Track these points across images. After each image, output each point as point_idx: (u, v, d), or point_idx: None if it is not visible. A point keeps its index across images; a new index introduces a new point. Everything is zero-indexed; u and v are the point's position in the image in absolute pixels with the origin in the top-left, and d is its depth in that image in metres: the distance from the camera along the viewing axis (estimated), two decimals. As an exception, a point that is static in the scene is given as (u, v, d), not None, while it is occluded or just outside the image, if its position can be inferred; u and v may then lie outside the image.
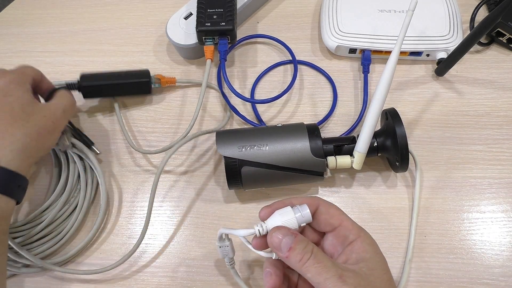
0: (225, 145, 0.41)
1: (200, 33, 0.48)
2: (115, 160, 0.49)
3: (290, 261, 0.30)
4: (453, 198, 0.45)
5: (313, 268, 0.29)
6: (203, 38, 0.49)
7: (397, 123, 0.41)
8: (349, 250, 0.32)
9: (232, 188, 0.43)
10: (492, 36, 0.52)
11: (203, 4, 0.49)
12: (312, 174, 0.41)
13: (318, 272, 0.29)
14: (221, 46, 0.48)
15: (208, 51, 0.49)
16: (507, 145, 0.47)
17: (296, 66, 0.51)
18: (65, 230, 0.44)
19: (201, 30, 0.48)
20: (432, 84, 0.51)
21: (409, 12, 0.40)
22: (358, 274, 0.30)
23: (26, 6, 0.60)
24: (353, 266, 0.31)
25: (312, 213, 0.33)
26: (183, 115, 0.51)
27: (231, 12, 0.48)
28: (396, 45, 0.41)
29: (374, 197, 0.45)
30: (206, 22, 0.48)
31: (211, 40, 0.49)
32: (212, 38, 0.49)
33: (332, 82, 0.51)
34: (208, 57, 0.48)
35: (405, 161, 0.41)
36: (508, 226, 0.43)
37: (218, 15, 0.48)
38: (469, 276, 0.41)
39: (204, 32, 0.48)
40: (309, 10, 0.57)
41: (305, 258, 0.30)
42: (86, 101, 0.51)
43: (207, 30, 0.48)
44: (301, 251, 0.30)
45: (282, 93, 0.48)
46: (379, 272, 0.31)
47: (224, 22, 0.48)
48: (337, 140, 0.44)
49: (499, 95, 0.50)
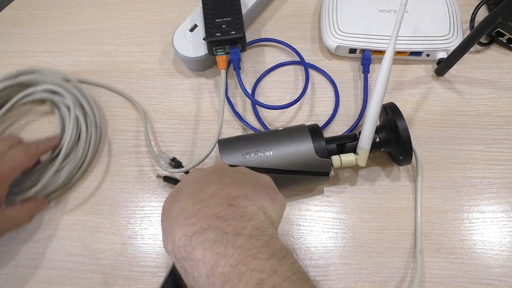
0: (229, 154, 0.40)
1: (211, 44, 0.47)
2: (115, 160, 0.49)
3: None
4: (453, 198, 0.45)
5: None
6: (214, 49, 0.48)
7: (398, 117, 0.41)
8: None
9: None
10: (492, 36, 0.52)
11: (210, 14, 0.48)
12: (317, 175, 0.41)
13: None
14: (233, 55, 0.48)
15: (221, 62, 0.48)
16: (507, 145, 0.47)
17: (307, 70, 0.51)
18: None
19: (212, 41, 0.46)
20: (432, 84, 0.51)
21: (402, 7, 0.40)
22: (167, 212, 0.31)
23: (26, 6, 0.60)
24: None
25: None
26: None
27: (239, 19, 0.47)
28: (393, 30, 0.41)
29: (374, 197, 0.45)
30: (216, 32, 0.46)
31: (222, 50, 0.48)
32: (223, 48, 0.48)
33: (334, 84, 0.51)
34: (222, 67, 0.47)
35: (408, 153, 0.41)
36: (508, 226, 0.43)
37: (227, 24, 0.47)
38: (469, 276, 0.41)
39: (215, 43, 0.47)
40: (309, 10, 0.57)
41: None
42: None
43: (218, 41, 0.46)
44: None
45: (298, 99, 0.48)
46: (182, 202, 0.31)
47: (234, 31, 0.47)
48: (339, 139, 0.44)
49: (499, 95, 0.50)
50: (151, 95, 0.52)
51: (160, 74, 0.53)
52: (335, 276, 0.42)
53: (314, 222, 0.44)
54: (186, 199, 0.30)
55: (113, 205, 0.46)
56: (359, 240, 0.43)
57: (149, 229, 0.45)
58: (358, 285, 0.41)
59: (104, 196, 0.47)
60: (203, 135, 0.49)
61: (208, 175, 0.33)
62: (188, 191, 0.31)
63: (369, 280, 0.41)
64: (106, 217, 0.46)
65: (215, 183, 0.31)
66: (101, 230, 0.45)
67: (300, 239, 0.44)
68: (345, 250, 0.43)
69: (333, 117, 0.49)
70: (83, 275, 0.43)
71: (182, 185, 0.33)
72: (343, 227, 0.44)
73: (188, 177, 0.34)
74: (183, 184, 0.33)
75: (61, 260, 0.44)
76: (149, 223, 0.45)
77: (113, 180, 0.48)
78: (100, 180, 0.48)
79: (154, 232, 0.45)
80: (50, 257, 0.44)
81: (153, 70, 0.50)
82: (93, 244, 0.45)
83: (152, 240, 0.45)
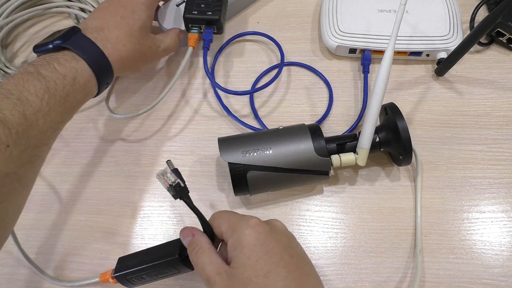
0: (229, 152, 0.40)
1: (186, 20, 0.48)
2: (114, 160, 0.49)
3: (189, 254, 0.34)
4: (453, 198, 0.45)
5: (197, 265, 0.33)
6: (190, 26, 0.49)
7: (398, 117, 0.41)
8: (228, 247, 0.33)
9: (238, 195, 0.42)
10: (492, 36, 0.52)
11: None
12: (317, 174, 0.41)
13: (197, 270, 0.33)
14: (205, 35, 0.49)
15: (192, 39, 0.49)
16: (507, 145, 0.47)
17: (282, 65, 0.51)
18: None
19: (187, 17, 0.48)
20: (432, 84, 0.51)
21: (401, 7, 0.40)
22: (227, 275, 0.31)
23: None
24: (226, 266, 0.32)
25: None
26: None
27: (220, 2, 0.49)
28: (393, 30, 0.41)
29: (374, 197, 0.45)
30: (194, 10, 0.48)
31: (197, 28, 0.49)
32: (198, 27, 0.49)
33: (327, 82, 0.51)
34: (190, 45, 0.49)
35: (408, 153, 0.41)
36: (508, 226, 0.43)
37: (205, 4, 0.48)
38: (469, 276, 0.41)
39: (190, 20, 0.48)
40: (309, 10, 0.57)
41: (192, 254, 0.34)
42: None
43: (193, 18, 0.48)
44: (192, 248, 0.34)
45: (263, 86, 0.48)
46: (241, 270, 0.30)
47: (211, 12, 0.48)
48: (339, 139, 0.44)
49: (499, 95, 0.50)
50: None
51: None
52: (335, 276, 0.42)
53: (314, 222, 0.44)
54: (284, 278, 0.30)
55: (113, 205, 0.46)
56: (359, 240, 0.43)
57: (149, 229, 0.45)
58: (358, 285, 0.41)
59: (104, 196, 0.47)
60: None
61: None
62: (282, 272, 0.30)
63: (369, 280, 0.41)
64: (106, 217, 0.46)
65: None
66: (101, 230, 0.45)
67: (300, 239, 0.43)
68: (345, 250, 0.43)
69: (326, 114, 0.49)
70: (83, 275, 0.43)
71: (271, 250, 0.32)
72: (343, 227, 0.44)
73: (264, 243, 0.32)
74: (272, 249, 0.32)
75: (61, 260, 0.44)
76: (149, 223, 0.45)
77: (113, 180, 0.48)
78: (101, 180, 0.48)
79: (154, 232, 0.45)
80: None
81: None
82: (93, 244, 0.45)
83: (152, 240, 0.45)
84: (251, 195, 0.43)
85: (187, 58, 0.48)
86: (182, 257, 0.35)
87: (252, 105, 0.51)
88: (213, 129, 0.50)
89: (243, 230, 0.32)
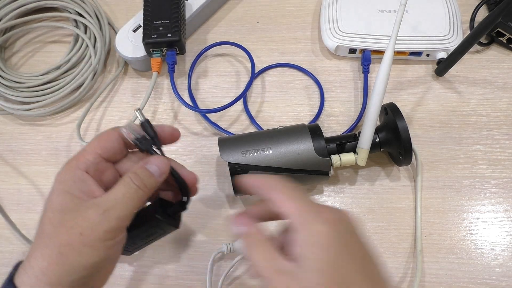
0: (229, 152, 0.40)
1: (147, 45, 0.48)
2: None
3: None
4: (453, 198, 0.45)
5: (251, 260, 0.29)
6: (151, 50, 0.48)
7: (398, 117, 0.41)
8: (293, 241, 0.28)
9: (238, 195, 0.43)
10: (492, 36, 0.52)
11: (149, 16, 0.48)
12: (317, 174, 0.41)
13: (253, 266, 0.28)
14: (169, 58, 0.48)
15: (155, 64, 0.48)
16: (507, 145, 0.47)
17: (253, 75, 0.49)
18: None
19: (148, 42, 0.47)
20: (432, 84, 0.51)
21: (401, 7, 0.40)
22: (291, 276, 0.26)
23: None
24: (290, 265, 0.27)
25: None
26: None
27: (177, 22, 0.47)
28: (393, 30, 0.41)
29: (374, 197, 0.45)
30: (153, 34, 0.47)
31: (158, 52, 0.48)
32: (160, 50, 0.48)
33: (318, 82, 0.51)
34: (154, 70, 0.48)
35: (408, 153, 0.41)
36: (508, 226, 0.43)
37: (164, 27, 0.47)
38: (469, 276, 0.41)
39: (151, 45, 0.48)
40: (309, 10, 0.57)
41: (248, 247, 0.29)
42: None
43: (154, 42, 0.47)
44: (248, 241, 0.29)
45: (233, 102, 0.47)
46: (314, 275, 0.26)
47: (171, 33, 0.47)
48: (339, 139, 0.44)
49: (499, 95, 0.50)
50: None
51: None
52: (335, 276, 0.42)
53: (314, 222, 0.44)
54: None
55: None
56: (359, 240, 0.43)
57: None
58: (358, 285, 0.41)
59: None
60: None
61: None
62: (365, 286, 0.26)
63: (369, 280, 0.41)
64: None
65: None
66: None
67: (300, 239, 0.44)
68: (345, 250, 0.43)
69: (319, 114, 0.49)
70: (83, 275, 0.43)
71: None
72: (343, 227, 0.44)
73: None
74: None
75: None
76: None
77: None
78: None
79: (154, 232, 0.45)
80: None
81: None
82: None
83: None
84: (251, 195, 0.43)
85: (153, 83, 0.47)
86: (164, 217, 0.34)
87: (247, 111, 0.50)
88: (213, 129, 0.50)
89: (318, 225, 0.27)
